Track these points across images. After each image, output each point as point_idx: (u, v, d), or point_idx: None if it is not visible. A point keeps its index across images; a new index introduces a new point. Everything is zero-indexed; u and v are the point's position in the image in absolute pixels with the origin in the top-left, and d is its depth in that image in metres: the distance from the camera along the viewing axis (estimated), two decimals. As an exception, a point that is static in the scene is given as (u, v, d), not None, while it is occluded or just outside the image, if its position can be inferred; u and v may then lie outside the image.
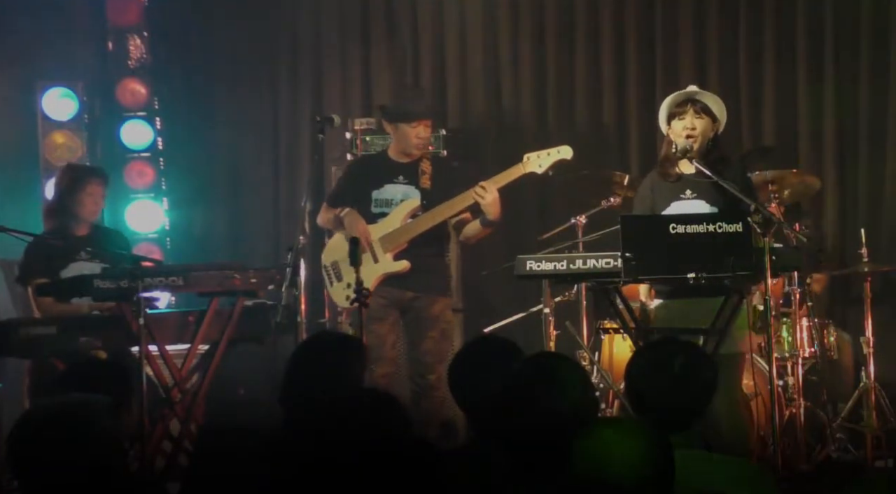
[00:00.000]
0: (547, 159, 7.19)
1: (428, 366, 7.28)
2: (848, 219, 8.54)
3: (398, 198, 7.33)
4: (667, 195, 6.52)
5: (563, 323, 7.67)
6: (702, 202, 6.41)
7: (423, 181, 7.32)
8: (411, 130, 7.29)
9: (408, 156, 7.36)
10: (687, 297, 6.29)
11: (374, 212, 7.33)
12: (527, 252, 6.64)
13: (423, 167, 7.36)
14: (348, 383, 4.53)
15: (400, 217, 7.27)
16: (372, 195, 7.36)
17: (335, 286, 7.38)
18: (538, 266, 6.28)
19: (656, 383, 3.91)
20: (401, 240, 7.24)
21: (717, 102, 6.58)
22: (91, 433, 3.49)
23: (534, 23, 9.21)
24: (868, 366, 7.56)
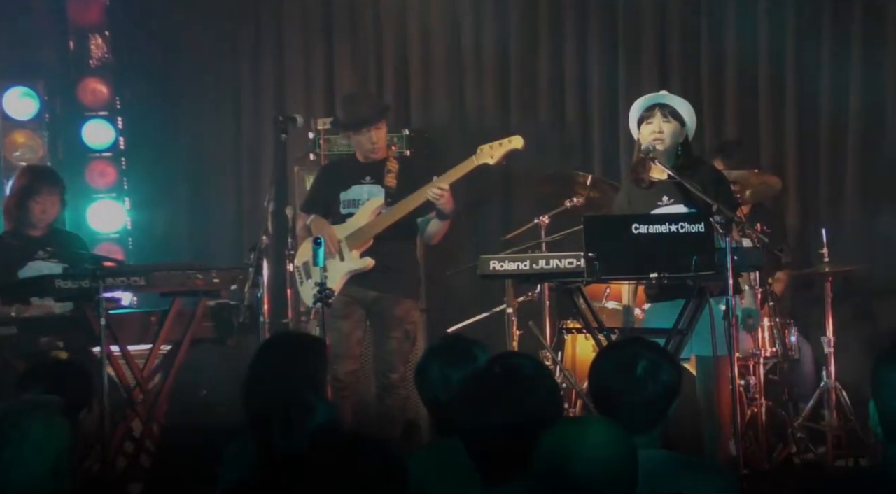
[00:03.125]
0: (499, 150, 7.22)
1: (391, 366, 7.33)
2: (809, 220, 8.58)
3: (364, 198, 7.40)
4: (645, 203, 6.53)
5: (526, 322, 7.68)
6: (680, 206, 6.43)
7: (389, 179, 7.38)
8: (362, 137, 7.40)
9: (369, 158, 7.43)
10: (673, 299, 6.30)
11: (342, 212, 7.43)
12: (490, 252, 6.66)
13: (390, 166, 7.43)
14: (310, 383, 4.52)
15: (366, 215, 7.33)
16: (340, 196, 7.45)
17: (304, 285, 7.47)
18: (501, 266, 6.29)
19: (620, 383, 3.92)
20: (366, 237, 7.31)
21: (686, 106, 6.60)
22: (25, 438, 3.48)
23: (497, 23, 9.21)
24: (829, 366, 7.60)
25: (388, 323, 7.33)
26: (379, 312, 7.36)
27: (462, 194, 8.62)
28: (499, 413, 3.36)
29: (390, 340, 7.32)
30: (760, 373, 7.38)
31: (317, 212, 7.48)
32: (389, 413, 7.33)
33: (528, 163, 8.82)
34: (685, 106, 6.60)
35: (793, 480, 7.10)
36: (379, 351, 7.43)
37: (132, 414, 7.03)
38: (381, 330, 7.38)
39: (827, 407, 7.58)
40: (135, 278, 6.94)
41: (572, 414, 7.25)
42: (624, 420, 3.70)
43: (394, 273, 7.34)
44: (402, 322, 7.35)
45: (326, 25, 9.54)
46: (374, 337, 7.47)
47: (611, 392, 3.92)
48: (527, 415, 3.36)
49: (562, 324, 7.40)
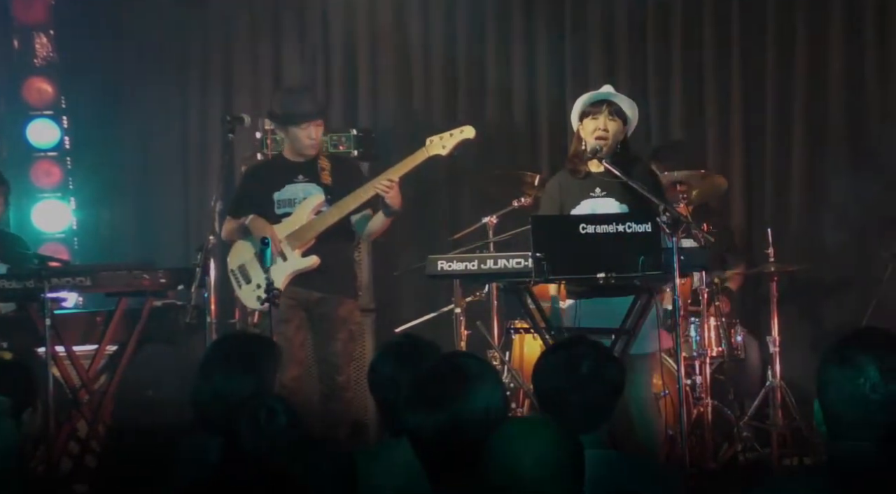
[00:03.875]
0: (450, 140, 7.19)
1: (337, 368, 7.26)
2: (755, 220, 8.63)
3: (300, 197, 7.30)
4: (576, 193, 6.56)
5: (473, 322, 7.69)
6: (612, 200, 6.46)
7: (324, 177, 7.31)
8: (302, 132, 7.29)
9: (304, 155, 7.36)
10: (597, 297, 6.33)
11: (277, 213, 7.31)
12: (438, 252, 6.65)
13: (322, 163, 7.35)
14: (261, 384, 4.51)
15: (305, 213, 7.25)
16: (273, 197, 7.33)
17: (244, 288, 7.34)
18: (449, 266, 6.29)
19: (564, 383, 3.93)
20: (308, 236, 7.21)
21: (632, 105, 6.63)
22: None
23: (445, 22, 9.22)
24: (774, 365, 7.65)
25: (332, 325, 7.26)
26: (322, 314, 7.28)
27: (409, 194, 8.63)
28: (446, 413, 3.36)
29: (336, 342, 7.26)
30: (707, 373, 7.41)
31: (246, 215, 7.33)
32: (334, 415, 7.25)
33: (475, 163, 8.83)
34: (629, 104, 6.62)
35: (738, 479, 7.14)
36: (323, 354, 7.32)
37: (77, 415, 7.00)
38: (326, 331, 7.28)
39: (772, 406, 7.62)
40: (80, 278, 6.89)
41: (519, 414, 7.27)
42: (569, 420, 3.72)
43: (335, 273, 7.28)
44: (346, 322, 7.30)
45: (274, 25, 9.52)
46: (318, 339, 7.34)
47: (555, 392, 3.93)
48: (474, 415, 3.36)
49: (509, 324, 7.42)
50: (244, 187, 7.54)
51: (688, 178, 7.64)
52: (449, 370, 3.48)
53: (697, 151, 8.64)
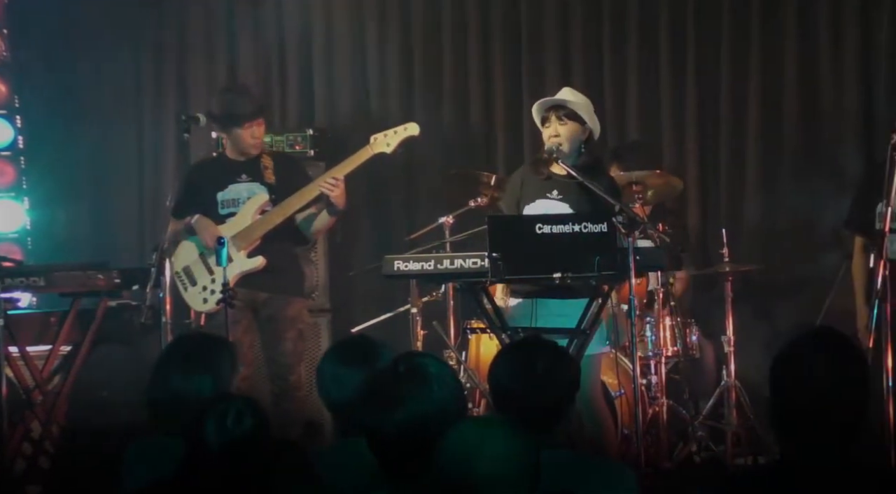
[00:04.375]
0: (394, 138, 7.19)
1: (288, 367, 7.25)
2: (710, 220, 8.67)
3: (244, 196, 7.26)
4: (534, 191, 6.59)
5: (430, 322, 7.69)
6: (564, 205, 6.49)
7: (267, 176, 7.28)
8: (244, 132, 7.25)
9: (246, 155, 7.32)
10: (551, 297, 6.35)
11: (221, 213, 7.27)
12: (394, 252, 6.66)
13: (265, 162, 7.32)
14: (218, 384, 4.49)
15: (250, 213, 7.21)
16: (217, 197, 7.28)
17: (190, 291, 7.29)
18: (405, 266, 6.29)
19: (520, 383, 3.93)
20: (254, 236, 7.17)
21: (585, 107, 6.63)
22: None
23: (400, 22, 9.22)
24: (729, 365, 7.68)
25: (281, 325, 7.23)
26: (270, 314, 7.24)
27: (365, 194, 8.64)
28: (403, 412, 3.36)
29: (285, 342, 7.23)
30: (662, 372, 7.45)
31: (191, 215, 7.27)
32: (287, 415, 7.21)
33: (432, 163, 8.83)
34: (582, 105, 6.63)
35: (693, 478, 7.17)
36: (273, 354, 7.28)
37: (31, 416, 6.96)
38: (274, 332, 7.25)
39: (727, 405, 7.66)
40: (34, 278, 6.86)
41: (476, 414, 7.28)
42: (525, 420, 3.72)
43: (282, 272, 7.25)
44: (294, 322, 7.27)
45: (229, 25, 9.49)
46: (267, 339, 7.30)
47: (511, 391, 3.94)
48: (430, 415, 3.36)
49: (466, 324, 7.42)
50: (186, 187, 7.40)
51: (643, 178, 7.66)
52: (406, 369, 3.48)
53: (653, 152, 8.66)
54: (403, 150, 7.40)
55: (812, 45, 8.47)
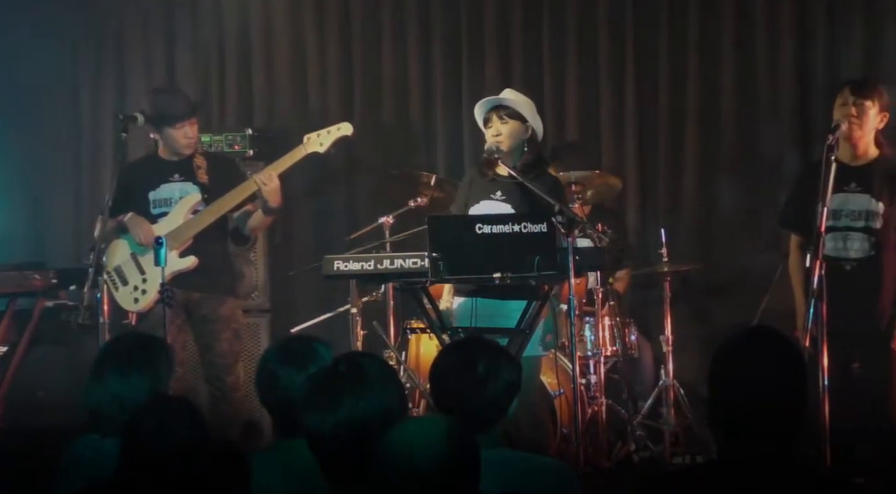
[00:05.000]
0: (327, 137, 7.23)
1: (225, 368, 7.23)
2: (648, 220, 8.71)
3: (177, 196, 7.25)
4: (479, 192, 6.62)
5: (370, 322, 7.68)
6: (507, 206, 6.51)
7: (200, 175, 7.26)
8: (177, 132, 7.24)
9: (179, 154, 7.30)
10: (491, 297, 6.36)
11: (153, 212, 7.25)
12: (334, 252, 6.65)
13: (197, 161, 7.30)
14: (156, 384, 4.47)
15: (182, 213, 7.20)
16: (149, 197, 7.26)
17: (121, 291, 7.24)
18: (345, 266, 6.29)
19: (461, 383, 3.94)
20: (185, 236, 7.15)
21: (527, 106, 6.65)
22: None
23: (340, 21, 9.20)
24: (667, 364, 7.72)
25: (215, 325, 7.22)
26: (204, 314, 7.23)
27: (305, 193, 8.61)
28: (342, 413, 3.35)
29: (221, 342, 7.22)
30: (601, 372, 7.48)
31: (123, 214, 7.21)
32: (225, 416, 7.21)
33: (372, 164, 8.82)
34: (523, 103, 6.65)
35: (632, 477, 7.20)
36: (209, 355, 7.26)
37: (-33, 418, 6.89)
38: (209, 332, 7.24)
39: (665, 404, 7.70)
40: (-31, 279, 6.79)
41: (416, 414, 7.28)
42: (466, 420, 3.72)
43: (214, 272, 7.24)
44: (229, 322, 7.26)
45: (167, 24, 9.44)
46: (202, 340, 7.28)
47: (452, 391, 3.94)
48: (370, 415, 3.36)
49: (406, 324, 7.43)
50: (119, 187, 7.32)
51: (583, 178, 7.70)
52: (346, 370, 3.47)
53: (592, 152, 8.70)
54: (342, 150, 7.41)
55: (749, 46, 8.52)
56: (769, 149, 8.48)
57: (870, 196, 6.06)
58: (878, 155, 6.16)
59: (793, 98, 8.44)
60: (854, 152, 6.12)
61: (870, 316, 6.04)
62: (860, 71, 8.06)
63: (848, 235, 6.08)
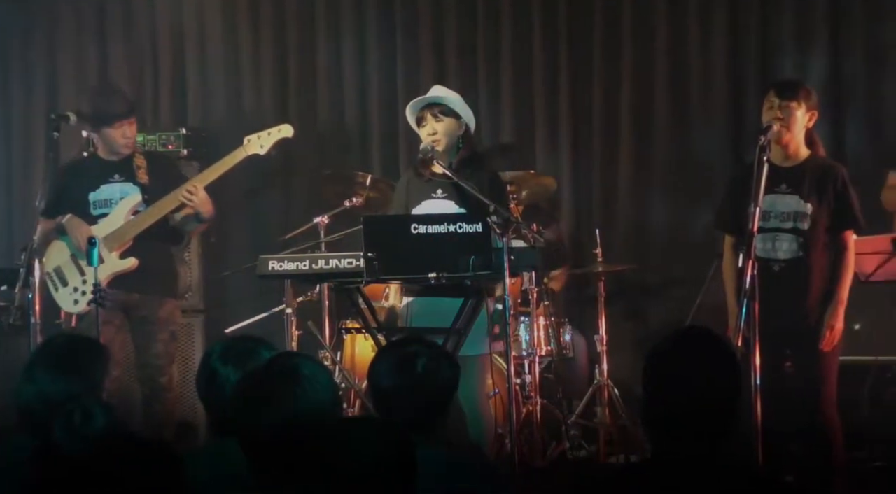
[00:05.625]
0: (268, 139, 7.23)
1: (159, 369, 7.23)
2: (583, 220, 8.75)
3: (117, 197, 7.23)
4: (419, 193, 6.60)
5: (305, 322, 7.65)
6: (451, 202, 6.50)
7: (140, 176, 7.24)
8: (115, 131, 7.20)
9: (119, 154, 7.27)
10: (432, 296, 6.36)
11: (93, 213, 7.22)
12: (269, 252, 6.62)
13: (138, 162, 7.28)
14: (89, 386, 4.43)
15: (122, 214, 7.17)
16: (89, 198, 7.23)
17: (60, 291, 7.22)
18: (280, 266, 6.27)
19: (399, 382, 3.93)
20: (126, 237, 7.13)
21: (458, 101, 6.66)
22: None
23: (274, 21, 9.18)
24: (601, 364, 7.76)
25: (153, 326, 7.21)
26: (142, 315, 7.22)
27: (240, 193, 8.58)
28: (276, 413, 3.34)
29: (157, 343, 7.21)
30: (536, 371, 7.49)
31: (62, 215, 7.18)
32: (158, 416, 7.21)
33: (307, 163, 8.80)
34: (456, 100, 6.66)
35: (566, 476, 7.23)
36: (144, 356, 7.26)
37: None
38: (146, 333, 7.23)
39: (600, 404, 7.74)
40: None
41: (351, 414, 7.26)
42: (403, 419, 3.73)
43: (154, 273, 7.22)
44: (167, 323, 7.25)
45: (99, 23, 9.37)
46: (138, 341, 7.27)
47: (390, 391, 3.94)
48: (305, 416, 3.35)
49: (341, 324, 7.41)
50: (58, 187, 7.31)
51: (517, 179, 7.72)
52: (280, 370, 3.46)
53: (527, 152, 8.73)
54: (278, 150, 7.39)
55: (682, 47, 8.58)
56: (702, 150, 8.54)
57: (799, 197, 6.11)
58: (809, 155, 6.21)
59: (725, 100, 8.51)
60: (785, 153, 6.17)
61: (798, 316, 6.09)
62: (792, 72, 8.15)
63: (776, 236, 6.12)
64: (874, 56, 8.26)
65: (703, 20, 8.53)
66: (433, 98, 6.66)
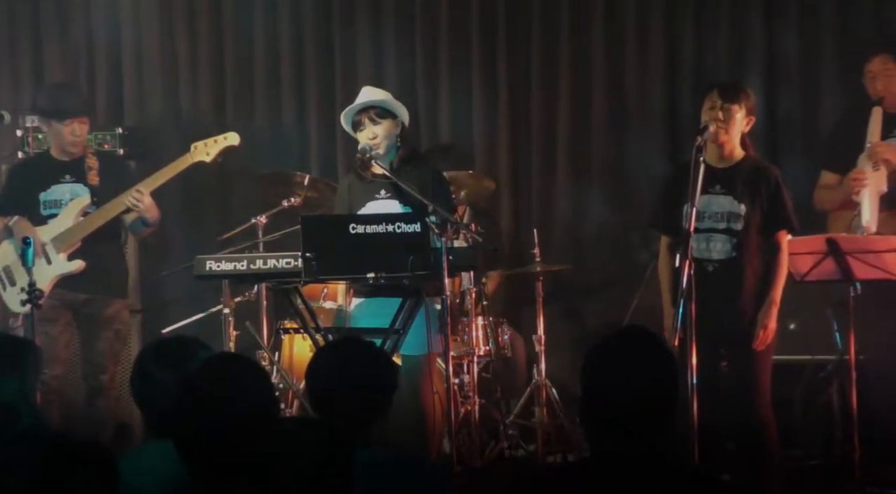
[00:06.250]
0: (214, 147, 7.27)
1: (101, 367, 7.25)
2: (521, 220, 8.77)
3: (67, 198, 7.24)
4: (363, 195, 6.59)
5: (242, 323, 7.63)
6: (395, 202, 6.50)
7: (91, 177, 7.26)
8: (65, 128, 7.22)
9: (69, 154, 7.25)
10: (383, 296, 6.35)
11: (43, 213, 7.23)
12: (207, 252, 6.60)
13: (90, 163, 7.30)
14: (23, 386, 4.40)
15: (71, 216, 7.18)
16: (39, 197, 7.25)
17: (8, 291, 7.23)
18: (218, 266, 6.26)
19: (336, 383, 3.93)
20: (73, 239, 7.15)
21: (390, 100, 6.66)
22: None
23: (211, 21, 9.14)
24: (539, 364, 7.78)
25: (98, 324, 7.25)
26: (89, 314, 7.26)
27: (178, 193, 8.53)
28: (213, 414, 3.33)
29: (101, 341, 7.25)
30: (474, 371, 7.50)
31: (10, 215, 7.22)
32: (99, 415, 7.25)
33: (245, 163, 8.76)
34: (388, 99, 6.66)
35: (504, 476, 7.24)
36: (88, 353, 7.30)
37: None
38: (91, 331, 7.27)
39: (537, 404, 7.76)
40: None
41: (289, 415, 7.24)
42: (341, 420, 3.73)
43: (102, 274, 7.26)
44: (112, 322, 7.28)
45: (33, 21, 9.30)
46: (83, 338, 7.33)
47: (327, 392, 3.93)
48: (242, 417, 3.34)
49: (279, 325, 7.39)
50: (8, 186, 7.42)
51: (456, 179, 7.73)
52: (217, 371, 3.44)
53: (465, 152, 8.74)
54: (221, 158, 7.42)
55: (619, 49, 8.62)
56: (639, 150, 8.58)
57: (732, 198, 6.16)
58: (744, 157, 6.26)
59: (662, 101, 8.55)
60: (720, 154, 6.21)
61: (733, 316, 6.14)
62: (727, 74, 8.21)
63: (711, 236, 6.17)
64: (808, 59, 8.33)
65: (640, 26, 8.57)
66: (369, 102, 6.65)
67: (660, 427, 3.27)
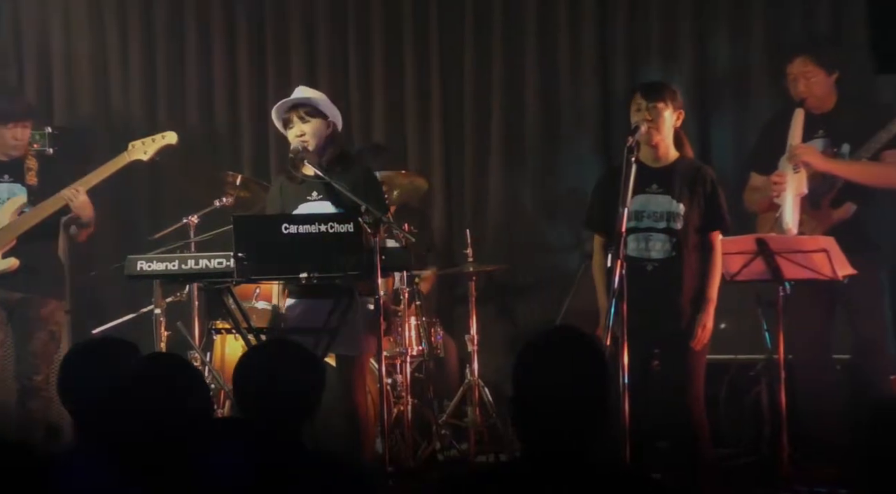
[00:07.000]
0: (152, 146, 7.31)
1: (34, 367, 7.26)
2: (454, 220, 8.79)
3: (4, 197, 7.31)
4: (295, 198, 6.54)
5: (174, 323, 7.58)
6: (328, 203, 6.47)
7: (30, 178, 7.32)
8: (7, 132, 7.30)
9: (9, 155, 7.32)
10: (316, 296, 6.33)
11: None
12: (138, 252, 6.55)
13: (29, 164, 7.35)
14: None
15: (7, 214, 7.24)
16: None
17: None
18: (149, 266, 6.22)
19: (263, 385, 3.91)
20: (8, 237, 7.20)
21: (324, 101, 6.64)
22: None
23: (143, 20, 9.09)
24: (472, 364, 7.80)
25: (32, 324, 7.26)
26: (23, 313, 7.28)
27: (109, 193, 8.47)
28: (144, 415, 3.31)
29: (34, 341, 7.26)
30: (407, 372, 7.51)
31: None
32: (31, 416, 7.24)
33: (177, 163, 8.71)
34: (321, 99, 6.64)
35: (437, 476, 7.25)
36: (22, 353, 7.30)
37: None
38: (25, 331, 7.28)
39: (470, 403, 7.77)
40: None
41: (221, 415, 7.22)
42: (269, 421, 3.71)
43: (37, 273, 7.27)
44: (46, 322, 7.30)
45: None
46: (17, 338, 7.33)
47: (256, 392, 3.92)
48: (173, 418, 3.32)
49: (211, 325, 7.35)
50: None
51: (388, 178, 7.72)
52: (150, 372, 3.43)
53: (398, 152, 8.74)
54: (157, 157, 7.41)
55: (551, 49, 8.66)
56: (573, 151, 8.63)
57: (671, 197, 6.18)
58: (679, 157, 6.29)
59: (594, 101, 8.60)
60: (655, 154, 6.23)
61: (671, 315, 6.16)
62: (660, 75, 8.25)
63: (650, 236, 6.19)
64: (737, 61, 8.40)
65: (572, 27, 8.61)
66: (298, 99, 6.63)
67: (591, 426, 3.29)
